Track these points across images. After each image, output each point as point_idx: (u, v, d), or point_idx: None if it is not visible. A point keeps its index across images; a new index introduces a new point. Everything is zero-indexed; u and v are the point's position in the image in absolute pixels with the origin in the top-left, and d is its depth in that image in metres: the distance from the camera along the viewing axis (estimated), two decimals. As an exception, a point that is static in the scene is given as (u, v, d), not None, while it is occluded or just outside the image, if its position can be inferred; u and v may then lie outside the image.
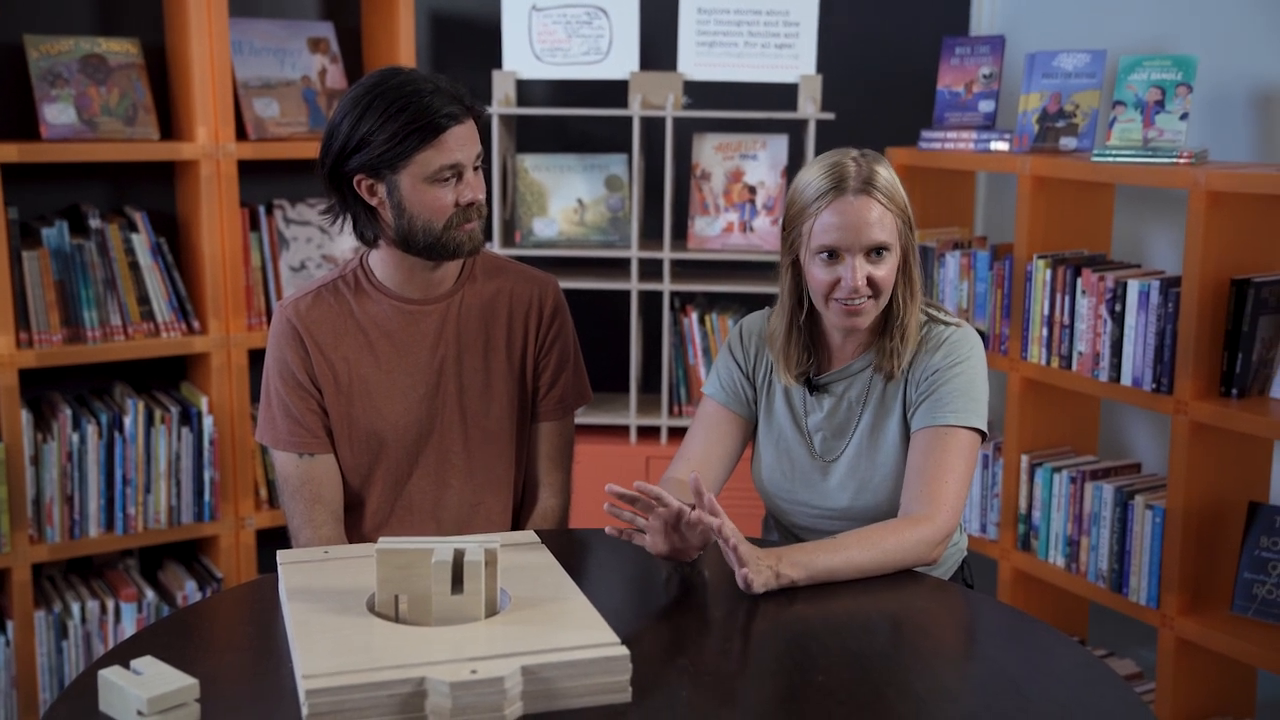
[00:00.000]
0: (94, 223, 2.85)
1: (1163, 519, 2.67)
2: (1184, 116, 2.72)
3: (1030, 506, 2.99)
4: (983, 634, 1.74)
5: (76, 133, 2.86)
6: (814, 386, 2.00)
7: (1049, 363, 2.89)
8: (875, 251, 1.87)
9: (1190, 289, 2.56)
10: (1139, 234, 3.19)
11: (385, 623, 1.51)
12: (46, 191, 2.99)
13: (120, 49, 2.95)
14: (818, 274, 1.89)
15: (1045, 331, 2.89)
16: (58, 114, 2.85)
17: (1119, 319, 2.72)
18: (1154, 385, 2.66)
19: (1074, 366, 2.84)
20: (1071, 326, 2.83)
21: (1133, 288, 2.69)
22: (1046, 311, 2.88)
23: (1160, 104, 2.75)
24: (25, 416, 2.76)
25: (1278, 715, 2.90)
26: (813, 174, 1.90)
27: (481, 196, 1.98)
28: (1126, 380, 2.72)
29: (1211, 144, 2.92)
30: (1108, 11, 3.31)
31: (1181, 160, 2.65)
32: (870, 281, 1.87)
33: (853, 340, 1.98)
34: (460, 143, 1.93)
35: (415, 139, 1.90)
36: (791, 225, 1.92)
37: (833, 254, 1.87)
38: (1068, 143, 3.00)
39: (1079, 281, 2.81)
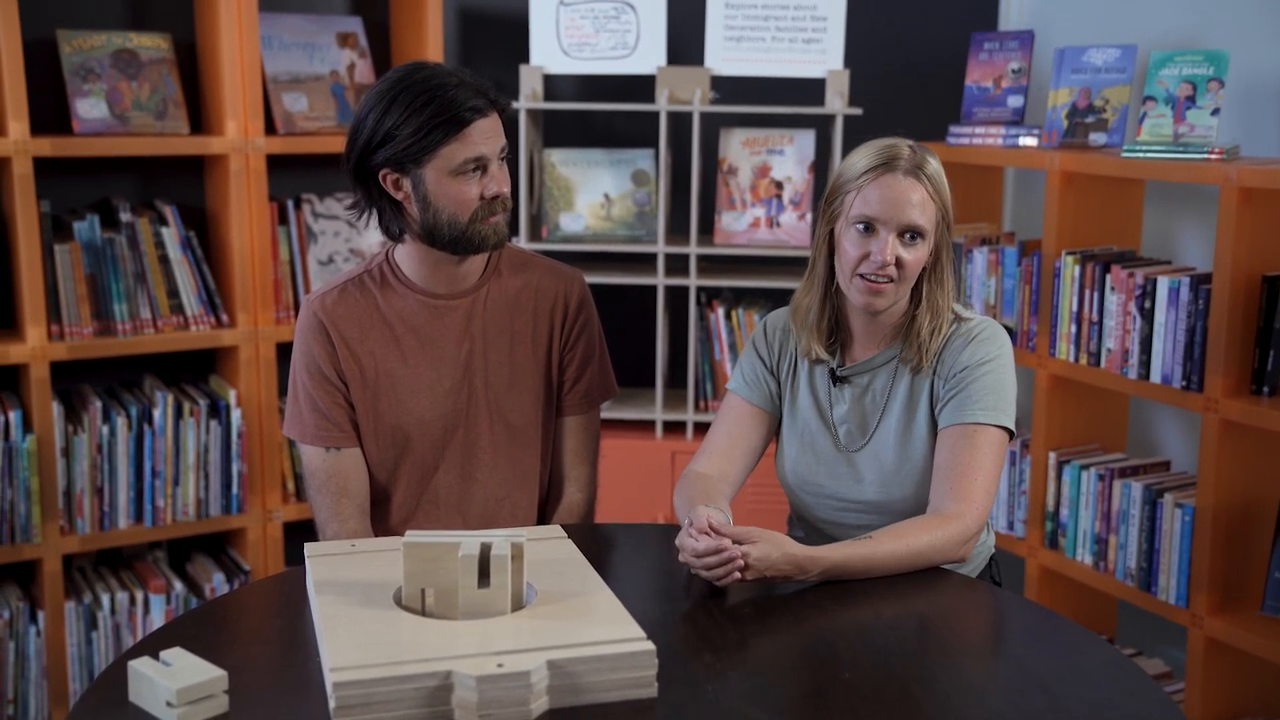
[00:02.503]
0: (125, 216, 2.87)
1: (1192, 517, 2.65)
2: (1215, 112, 2.69)
3: (1058, 504, 2.97)
4: (1010, 632, 1.73)
5: (108, 127, 2.88)
6: (838, 378, 1.99)
7: (1077, 359, 2.87)
8: (910, 235, 1.89)
9: (1221, 286, 2.54)
10: (1169, 230, 3.16)
11: (412, 616, 1.51)
12: (78, 185, 3.01)
13: (151, 44, 2.96)
14: (849, 246, 1.90)
15: (1074, 328, 2.87)
16: (90, 108, 2.87)
17: (1148, 316, 2.70)
18: (1184, 383, 2.64)
19: (1103, 363, 2.82)
20: (1100, 323, 2.82)
21: (1163, 284, 2.67)
22: (1075, 308, 2.86)
23: (1191, 99, 2.72)
24: (56, 408, 2.78)
25: (1308, 716, 2.88)
26: (865, 152, 1.93)
27: (506, 190, 1.98)
28: (1156, 377, 2.70)
29: (1243, 139, 2.89)
30: (1138, 6, 3.28)
31: (1213, 156, 2.62)
32: (898, 262, 1.88)
33: (877, 331, 1.98)
34: (485, 136, 1.93)
35: (440, 132, 1.90)
36: (834, 196, 1.95)
37: (868, 227, 1.89)
38: (1097, 138, 2.98)
39: (1108, 278, 2.79)
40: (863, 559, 1.75)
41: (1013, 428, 1.91)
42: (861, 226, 1.89)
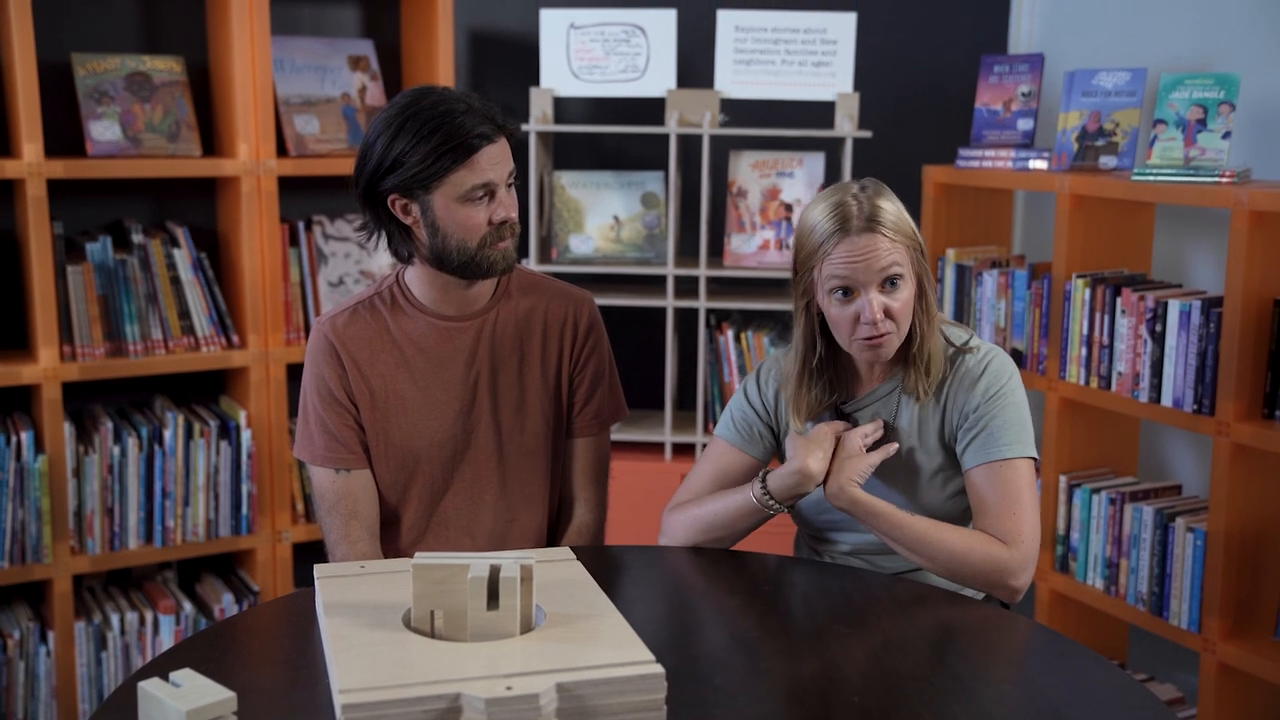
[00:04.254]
0: (137, 238, 2.89)
1: (1204, 542, 2.63)
2: (1226, 135, 2.69)
3: (1069, 528, 2.96)
4: (1021, 656, 1.72)
5: (121, 149, 2.90)
6: (844, 415, 1.98)
7: (1088, 383, 2.87)
8: (889, 282, 1.86)
9: (1232, 309, 2.54)
10: (1180, 253, 3.16)
11: (421, 638, 1.51)
12: (91, 207, 3.03)
13: (165, 67, 2.99)
14: (836, 313, 1.88)
15: (1084, 351, 2.87)
16: (103, 131, 2.89)
17: (1159, 339, 2.70)
18: (1195, 406, 2.63)
19: (1113, 387, 2.81)
20: (1111, 346, 2.81)
21: (1173, 308, 2.67)
22: (1085, 331, 2.86)
23: (1202, 122, 2.73)
24: (68, 429, 2.79)
25: (1322, 742, 2.86)
26: (816, 216, 1.88)
27: (514, 215, 1.99)
28: (1167, 401, 2.69)
29: (1254, 163, 2.89)
30: (1148, 29, 3.29)
31: (1224, 179, 2.62)
32: (888, 313, 1.86)
33: (877, 364, 1.97)
34: (493, 162, 1.94)
35: (448, 159, 1.90)
36: (802, 269, 1.91)
37: (847, 291, 1.86)
38: (1107, 161, 2.98)
39: (1119, 301, 2.78)
40: (895, 515, 1.84)
41: (1037, 455, 1.91)
42: (840, 294, 1.86)
